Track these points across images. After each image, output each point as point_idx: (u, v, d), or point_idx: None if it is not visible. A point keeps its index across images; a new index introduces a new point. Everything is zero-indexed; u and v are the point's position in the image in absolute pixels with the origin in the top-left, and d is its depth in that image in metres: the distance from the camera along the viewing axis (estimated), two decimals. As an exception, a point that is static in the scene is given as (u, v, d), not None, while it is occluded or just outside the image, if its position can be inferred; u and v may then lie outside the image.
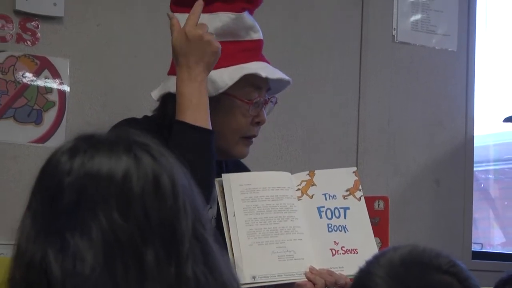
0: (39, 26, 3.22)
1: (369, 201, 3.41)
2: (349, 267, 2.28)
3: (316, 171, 2.38)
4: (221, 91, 2.24)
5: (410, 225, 3.78)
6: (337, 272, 2.26)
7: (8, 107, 3.15)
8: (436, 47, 3.96)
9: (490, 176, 5.12)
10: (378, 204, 3.38)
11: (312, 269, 2.24)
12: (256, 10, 2.33)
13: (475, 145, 4.07)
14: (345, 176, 2.42)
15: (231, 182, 2.27)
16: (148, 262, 1.17)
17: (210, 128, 2.19)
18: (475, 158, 4.09)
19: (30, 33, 3.20)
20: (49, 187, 1.22)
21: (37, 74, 3.20)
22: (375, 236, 3.41)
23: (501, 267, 3.63)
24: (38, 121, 3.18)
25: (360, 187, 2.41)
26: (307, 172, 2.37)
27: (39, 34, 3.22)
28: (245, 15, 2.31)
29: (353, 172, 2.43)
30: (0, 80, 3.15)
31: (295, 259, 2.26)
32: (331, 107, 3.73)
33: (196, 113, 2.16)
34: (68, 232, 1.16)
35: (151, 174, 1.23)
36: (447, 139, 3.97)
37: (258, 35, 2.35)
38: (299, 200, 2.33)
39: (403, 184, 3.85)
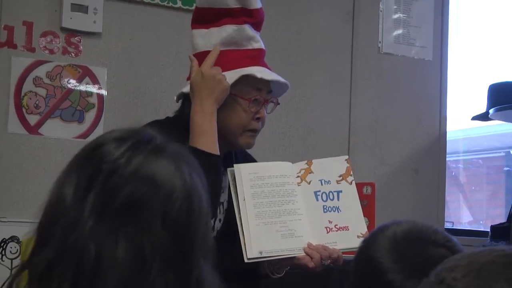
0: (81, 40, 3.20)
1: (359, 187, 3.37)
2: (342, 242, 2.29)
3: (313, 160, 2.36)
4: None
5: (393, 207, 3.76)
6: (331, 247, 2.25)
7: (56, 108, 3.14)
8: (415, 57, 3.94)
9: (460, 165, 5.11)
10: (366, 189, 3.35)
11: (309, 245, 2.23)
12: (266, 28, 2.32)
13: (447, 139, 4.06)
14: (338, 164, 2.39)
15: (241, 171, 2.27)
16: (172, 267, 1.13)
17: (218, 153, 2.20)
18: (448, 150, 4.07)
19: (73, 46, 3.19)
20: (105, 175, 1.13)
21: (80, 80, 3.19)
22: (364, 216, 3.39)
23: (469, 242, 3.60)
24: (80, 120, 3.17)
25: (352, 173, 2.38)
26: (306, 161, 2.36)
27: (81, 47, 3.20)
28: (246, 27, 2.30)
29: (345, 160, 2.40)
30: (48, 85, 3.14)
31: (295, 236, 2.25)
32: (327, 108, 3.71)
33: (206, 139, 2.18)
34: (120, 229, 1.11)
35: (187, 193, 1.17)
36: (424, 135, 3.95)
37: (259, 44, 2.34)
38: (298, 185, 2.32)
39: (388, 172, 3.83)
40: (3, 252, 2.99)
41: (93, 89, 3.21)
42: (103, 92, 3.22)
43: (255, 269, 2.33)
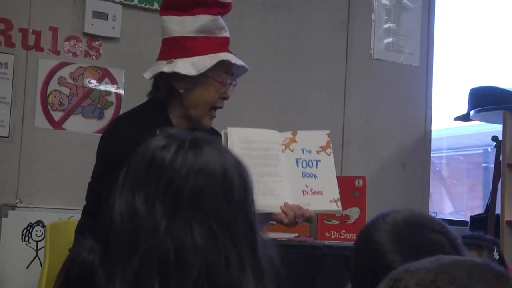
0: (102, 44, 3.19)
1: (351, 180, 3.38)
2: (315, 204, 2.30)
3: (298, 132, 2.38)
4: (201, 71, 2.27)
5: (382, 198, 3.75)
6: (305, 208, 2.27)
7: (78, 105, 3.14)
8: (404, 63, 3.93)
9: (443, 161, 5.10)
10: (358, 182, 3.34)
11: (286, 204, 2.25)
12: (270, 34, 2.33)
13: (432, 137, 4.04)
14: (320, 137, 2.41)
15: (233, 134, 2.30)
16: (242, 240, 1.15)
17: None
18: (432, 147, 4.06)
19: (94, 50, 3.18)
20: (167, 180, 1.14)
21: (100, 81, 3.18)
22: (355, 206, 3.38)
23: (451, 230, 3.60)
24: (100, 117, 3.16)
25: (331, 146, 2.38)
26: (291, 131, 2.38)
27: (101, 51, 3.19)
28: (219, 18, 2.36)
29: (327, 134, 2.41)
30: (71, 85, 3.13)
31: (274, 195, 2.26)
32: (323, 107, 3.71)
33: None
34: (193, 220, 1.12)
35: (237, 169, 1.19)
36: (411, 133, 3.94)
37: (227, 34, 2.39)
38: (282, 152, 2.33)
39: (378, 167, 3.82)
40: (29, 235, 2.99)
41: (111, 88, 3.20)
42: (121, 91, 3.21)
43: None
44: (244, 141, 2.29)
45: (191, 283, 1.09)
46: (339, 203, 2.32)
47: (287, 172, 2.31)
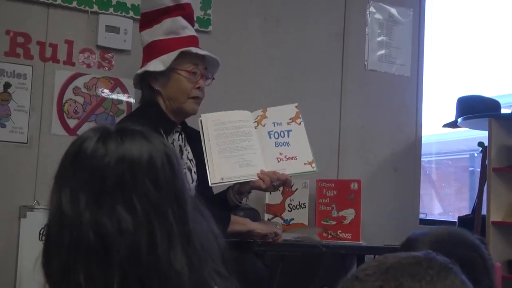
0: (114, 56, 3.22)
1: (347, 183, 3.41)
2: (290, 168, 2.40)
3: (268, 108, 2.50)
4: (167, 65, 2.43)
5: (376, 200, 3.77)
6: (280, 172, 2.37)
7: (91, 113, 3.16)
8: (396, 73, 3.95)
9: (432, 165, 5.12)
10: (354, 185, 3.37)
11: (262, 171, 2.36)
12: (271, 45, 2.35)
13: (422, 143, 4.06)
14: (289, 109, 2.52)
15: (208, 119, 2.42)
16: (170, 220, 1.10)
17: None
18: (422, 152, 4.08)
19: (107, 61, 3.21)
20: (90, 169, 1.09)
21: (112, 90, 3.21)
22: (351, 208, 3.41)
23: (440, 230, 3.61)
24: (112, 124, 3.18)
25: (300, 116, 2.50)
26: (262, 109, 2.48)
27: (113, 62, 3.22)
28: (180, 18, 2.50)
29: (295, 106, 2.55)
30: (86, 94, 3.16)
31: (250, 165, 2.36)
32: (320, 115, 3.72)
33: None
34: (118, 205, 1.07)
35: (164, 153, 1.13)
36: (403, 139, 3.96)
37: (192, 32, 2.53)
38: (255, 128, 2.43)
39: (372, 171, 3.84)
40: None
41: (123, 97, 3.23)
42: (132, 100, 3.24)
43: (225, 203, 2.49)
44: (217, 123, 2.40)
45: (115, 267, 1.04)
46: (314, 165, 2.40)
47: (261, 144, 2.40)
